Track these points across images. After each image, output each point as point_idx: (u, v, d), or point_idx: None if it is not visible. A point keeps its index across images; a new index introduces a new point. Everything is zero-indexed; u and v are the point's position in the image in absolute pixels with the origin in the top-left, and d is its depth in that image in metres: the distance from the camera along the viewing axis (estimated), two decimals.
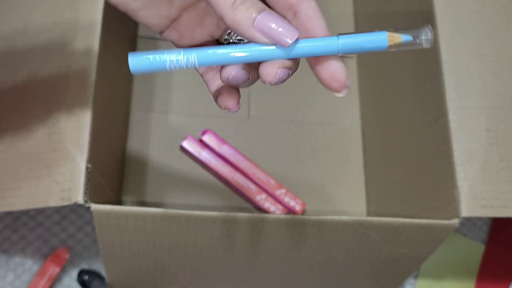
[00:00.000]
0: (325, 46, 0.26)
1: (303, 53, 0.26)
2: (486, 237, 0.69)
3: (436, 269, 0.66)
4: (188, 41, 0.31)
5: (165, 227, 0.45)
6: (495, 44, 0.49)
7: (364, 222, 0.46)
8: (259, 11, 0.26)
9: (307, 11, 0.28)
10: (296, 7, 0.28)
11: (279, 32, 0.25)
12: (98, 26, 0.46)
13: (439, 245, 0.48)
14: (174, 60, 0.26)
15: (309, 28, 0.27)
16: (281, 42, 0.26)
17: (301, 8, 0.28)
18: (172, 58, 0.26)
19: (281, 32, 0.25)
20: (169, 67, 0.26)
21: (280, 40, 0.25)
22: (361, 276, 0.57)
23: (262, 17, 0.26)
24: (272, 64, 0.27)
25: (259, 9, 0.26)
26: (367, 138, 0.67)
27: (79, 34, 0.46)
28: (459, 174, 0.45)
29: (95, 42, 0.45)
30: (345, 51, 0.26)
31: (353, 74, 0.71)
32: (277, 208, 0.61)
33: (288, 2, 0.28)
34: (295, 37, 0.25)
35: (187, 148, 0.62)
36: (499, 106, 0.47)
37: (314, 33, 0.27)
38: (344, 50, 0.26)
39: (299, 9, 0.28)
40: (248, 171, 0.62)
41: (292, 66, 0.27)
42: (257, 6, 0.26)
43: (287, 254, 0.51)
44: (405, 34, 0.26)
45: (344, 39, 0.26)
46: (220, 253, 0.50)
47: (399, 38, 0.26)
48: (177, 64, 0.26)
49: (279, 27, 0.25)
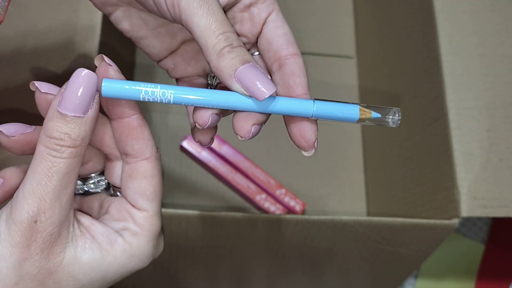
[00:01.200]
0: (300, 109, 0.27)
1: (279, 110, 0.27)
2: (486, 237, 0.69)
3: (436, 269, 0.66)
4: (181, 72, 0.32)
5: (165, 227, 0.45)
6: (495, 44, 0.49)
7: (364, 222, 0.46)
8: (242, 62, 0.26)
9: (292, 66, 0.28)
10: (283, 60, 0.28)
11: (256, 86, 0.25)
12: (98, 26, 0.46)
13: (439, 245, 0.48)
14: (150, 91, 0.25)
15: (291, 84, 0.28)
16: (256, 96, 0.26)
17: (287, 62, 0.28)
18: (148, 89, 0.25)
19: (258, 86, 0.25)
20: (142, 98, 0.26)
21: (255, 94, 0.25)
22: (361, 276, 0.57)
23: (244, 69, 0.25)
24: (246, 119, 0.27)
25: (243, 61, 0.26)
26: (367, 138, 0.67)
27: (79, 34, 0.46)
28: (459, 174, 0.45)
29: (95, 42, 0.45)
30: (318, 116, 0.27)
31: (353, 74, 0.71)
32: (277, 208, 0.61)
33: (277, 55, 0.29)
34: (270, 93, 0.25)
35: (187, 148, 0.62)
36: (499, 106, 0.47)
37: (293, 89, 0.28)
38: (317, 115, 0.27)
39: (285, 63, 0.28)
40: (248, 171, 0.62)
41: (265, 121, 0.28)
42: (242, 57, 0.26)
43: (287, 253, 0.51)
44: (375, 112, 0.27)
45: (320, 105, 0.27)
46: (220, 253, 0.50)
47: (369, 114, 0.27)
48: (151, 96, 0.25)
49: (258, 81, 0.25)
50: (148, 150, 0.28)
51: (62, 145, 0.25)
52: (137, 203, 0.28)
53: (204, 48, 0.26)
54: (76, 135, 0.25)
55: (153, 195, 0.28)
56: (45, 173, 0.25)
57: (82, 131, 0.25)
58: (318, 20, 0.72)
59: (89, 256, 0.26)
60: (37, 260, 0.24)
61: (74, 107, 0.25)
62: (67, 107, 0.24)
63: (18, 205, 0.25)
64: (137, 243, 0.27)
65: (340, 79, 0.71)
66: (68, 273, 0.25)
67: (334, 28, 0.72)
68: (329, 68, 0.70)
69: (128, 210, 0.28)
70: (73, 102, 0.25)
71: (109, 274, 0.26)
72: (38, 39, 0.46)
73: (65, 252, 0.25)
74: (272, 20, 0.29)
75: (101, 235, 0.26)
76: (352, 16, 0.74)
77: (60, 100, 0.25)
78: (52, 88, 0.27)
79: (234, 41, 0.26)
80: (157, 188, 0.28)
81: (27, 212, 0.24)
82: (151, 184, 0.28)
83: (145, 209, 0.28)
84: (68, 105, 0.24)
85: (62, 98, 0.25)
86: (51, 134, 0.25)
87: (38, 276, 0.25)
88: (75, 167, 0.25)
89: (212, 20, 0.26)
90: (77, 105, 0.25)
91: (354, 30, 0.73)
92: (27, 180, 0.25)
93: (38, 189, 0.24)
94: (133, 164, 0.28)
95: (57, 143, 0.25)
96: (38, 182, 0.25)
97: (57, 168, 0.25)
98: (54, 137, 0.25)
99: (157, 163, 0.28)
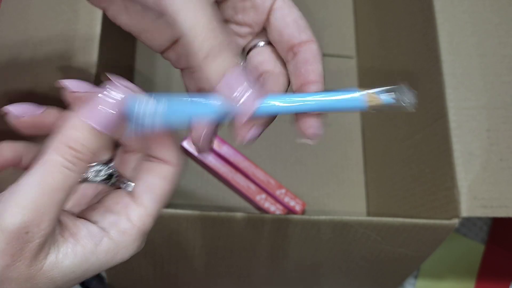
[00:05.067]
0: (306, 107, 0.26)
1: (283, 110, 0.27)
2: (486, 237, 0.69)
3: (436, 269, 0.66)
4: (184, 63, 0.31)
5: (165, 227, 0.45)
6: (495, 44, 0.49)
7: (364, 222, 0.46)
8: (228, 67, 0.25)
9: (306, 53, 0.27)
10: (297, 48, 0.28)
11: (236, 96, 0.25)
12: (98, 26, 0.46)
13: (439, 245, 0.48)
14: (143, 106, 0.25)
15: (302, 72, 0.27)
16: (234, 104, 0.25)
17: (301, 50, 0.27)
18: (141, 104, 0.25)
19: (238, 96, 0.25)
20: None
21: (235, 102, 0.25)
22: (361, 276, 0.57)
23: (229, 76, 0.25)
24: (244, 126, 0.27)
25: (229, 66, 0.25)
26: (367, 138, 0.67)
27: (79, 34, 0.46)
28: (459, 174, 0.45)
29: (95, 42, 0.45)
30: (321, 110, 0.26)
31: (353, 74, 0.71)
32: (277, 208, 0.61)
33: (289, 44, 0.28)
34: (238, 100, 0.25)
35: (187, 148, 0.62)
36: (499, 106, 0.47)
37: (305, 77, 0.27)
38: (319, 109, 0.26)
39: (299, 51, 0.28)
40: (248, 171, 0.62)
41: (268, 123, 0.28)
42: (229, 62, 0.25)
43: (286, 253, 0.51)
44: (386, 97, 0.26)
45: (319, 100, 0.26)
46: (220, 253, 0.50)
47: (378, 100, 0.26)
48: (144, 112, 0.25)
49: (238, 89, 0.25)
50: (175, 157, 0.27)
51: (80, 158, 0.23)
52: (141, 197, 0.27)
53: (191, 47, 0.25)
54: (96, 150, 0.24)
55: (160, 197, 0.27)
56: (55, 187, 0.23)
57: (100, 147, 0.24)
58: (318, 20, 0.72)
59: (71, 261, 0.24)
60: (18, 266, 0.23)
61: (104, 122, 0.23)
62: (97, 120, 0.23)
63: (10, 212, 0.22)
64: (123, 241, 0.26)
65: (340, 79, 0.71)
66: (47, 277, 0.24)
67: (334, 28, 0.72)
68: (329, 68, 0.70)
69: (126, 204, 0.27)
70: (104, 117, 0.23)
71: (89, 272, 0.25)
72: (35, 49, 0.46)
73: (47, 258, 0.24)
74: (279, 7, 0.28)
75: (85, 237, 0.25)
76: (352, 16, 0.74)
77: (91, 111, 0.23)
78: (81, 85, 0.26)
79: (223, 41, 0.25)
80: (167, 194, 0.27)
81: (19, 223, 0.22)
82: (164, 187, 0.27)
83: (145, 206, 0.27)
84: (98, 118, 0.23)
85: (94, 110, 0.23)
86: (75, 145, 0.23)
87: (16, 281, 0.23)
88: (78, 179, 0.24)
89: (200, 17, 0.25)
90: (108, 121, 0.24)
91: (354, 30, 0.73)
92: (28, 186, 0.23)
93: (42, 201, 0.23)
94: (155, 163, 0.27)
95: (76, 156, 0.23)
96: (44, 194, 0.23)
97: (69, 183, 0.23)
98: (75, 149, 0.23)
99: (179, 173, 0.27)
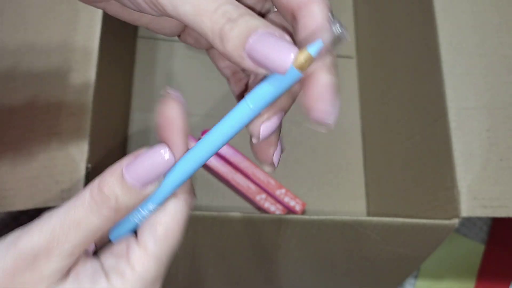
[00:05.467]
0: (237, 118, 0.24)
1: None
2: (486, 237, 0.69)
3: (436, 269, 0.66)
4: (205, 43, 0.29)
5: None
6: (495, 44, 0.49)
7: (364, 222, 0.46)
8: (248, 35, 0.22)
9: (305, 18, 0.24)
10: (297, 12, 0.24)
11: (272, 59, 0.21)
12: (98, 26, 0.46)
13: (439, 245, 0.48)
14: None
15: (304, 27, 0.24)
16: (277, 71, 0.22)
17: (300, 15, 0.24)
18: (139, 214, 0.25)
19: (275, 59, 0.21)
20: None
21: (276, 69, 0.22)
22: (361, 276, 0.57)
23: (253, 44, 0.22)
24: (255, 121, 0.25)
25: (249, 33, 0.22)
26: (367, 138, 0.67)
27: (79, 34, 0.46)
28: (459, 174, 0.45)
29: (95, 42, 0.45)
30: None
31: (353, 74, 0.71)
32: (277, 208, 0.61)
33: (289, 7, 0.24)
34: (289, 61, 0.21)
35: None
36: (499, 106, 0.47)
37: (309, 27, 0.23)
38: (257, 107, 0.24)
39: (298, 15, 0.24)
40: (248, 171, 0.62)
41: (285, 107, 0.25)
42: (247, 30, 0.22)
43: (287, 254, 0.51)
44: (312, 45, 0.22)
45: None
46: (220, 253, 0.50)
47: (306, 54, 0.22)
48: None
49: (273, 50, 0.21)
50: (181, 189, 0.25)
51: (108, 205, 0.23)
52: (143, 237, 0.24)
53: (205, 36, 0.22)
54: (124, 203, 0.23)
55: (162, 237, 0.24)
56: (75, 221, 0.23)
57: (131, 202, 0.24)
58: None
59: None
60: None
61: (138, 177, 0.23)
62: (132, 174, 0.23)
63: (29, 232, 0.23)
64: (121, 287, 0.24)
65: (340, 79, 0.70)
66: None
67: None
68: None
69: (128, 244, 0.25)
70: (140, 172, 0.23)
71: None
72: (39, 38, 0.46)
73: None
74: None
75: (85, 276, 0.24)
76: (352, 16, 0.74)
77: (130, 163, 0.23)
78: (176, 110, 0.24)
79: (233, 12, 0.22)
80: (171, 233, 0.24)
81: (32, 244, 0.22)
82: (168, 225, 0.24)
83: (145, 247, 0.24)
84: (134, 172, 0.23)
85: (134, 163, 0.23)
86: (104, 188, 0.23)
87: None
88: (104, 230, 0.24)
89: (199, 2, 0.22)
90: (142, 177, 0.23)
91: (354, 30, 0.73)
92: (59, 211, 0.23)
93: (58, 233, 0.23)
94: None
95: (103, 199, 0.23)
96: (62, 226, 0.23)
97: (89, 225, 0.23)
98: (104, 192, 0.23)
99: (185, 208, 0.25)
